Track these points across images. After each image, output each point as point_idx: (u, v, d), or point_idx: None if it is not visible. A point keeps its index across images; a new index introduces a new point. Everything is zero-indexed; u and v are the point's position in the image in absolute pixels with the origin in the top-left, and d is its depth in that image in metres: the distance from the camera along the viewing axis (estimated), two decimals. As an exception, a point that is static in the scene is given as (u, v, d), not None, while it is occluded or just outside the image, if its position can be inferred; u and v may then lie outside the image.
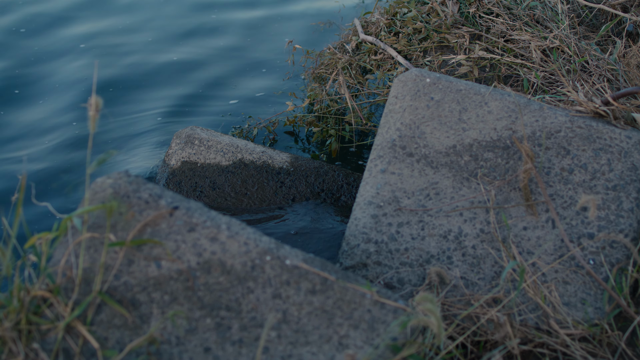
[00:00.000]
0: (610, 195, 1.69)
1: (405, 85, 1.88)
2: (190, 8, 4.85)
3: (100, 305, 1.33)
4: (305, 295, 1.35)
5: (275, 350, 1.32)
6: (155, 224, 1.38)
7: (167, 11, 4.80)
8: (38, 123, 3.39)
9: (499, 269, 1.65)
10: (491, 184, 1.73)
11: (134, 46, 4.24)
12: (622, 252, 1.64)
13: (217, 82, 3.87)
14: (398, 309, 1.36)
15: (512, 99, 1.81)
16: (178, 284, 1.35)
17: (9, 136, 3.27)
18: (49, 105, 3.55)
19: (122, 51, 4.17)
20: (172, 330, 1.32)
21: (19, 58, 4.04)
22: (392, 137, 1.82)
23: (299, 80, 3.80)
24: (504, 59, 2.49)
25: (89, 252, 1.36)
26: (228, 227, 1.39)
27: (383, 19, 2.98)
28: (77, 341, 1.30)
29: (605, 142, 1.73)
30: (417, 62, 2.71)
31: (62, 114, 3.47)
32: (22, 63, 3.98)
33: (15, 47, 4.17)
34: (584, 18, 2.86)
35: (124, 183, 1.41)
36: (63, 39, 4.32)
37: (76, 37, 4.34)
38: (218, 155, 2.48)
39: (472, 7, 2.74)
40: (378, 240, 1.71)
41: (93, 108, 1.22)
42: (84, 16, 4.65)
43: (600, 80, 2.31)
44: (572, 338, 1.54)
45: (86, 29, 4.44)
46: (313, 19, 4.57)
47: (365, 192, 1.78)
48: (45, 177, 2.93)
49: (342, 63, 2.91)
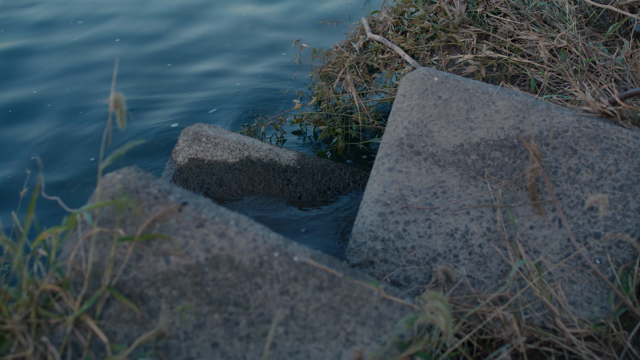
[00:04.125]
0: (617, 195, 1.69)
1: (413, 83, 1.89)
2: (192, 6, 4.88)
3: (109, 299, 1.34)
4: (313, 292, 1.36)
5: (282, 346, 1.33)
6: (164, 219, 1.39)
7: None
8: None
9: (505, 268, 1.66)
10: (498, 183, 1.74)
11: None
12: (629, 251, 1.64)
13: (221, 78, 3.88)
14: (405, 306, 1.36)
15: (519, 99, 1.81)
16: (186, 279, 1.35)
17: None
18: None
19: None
20: (180, 325, 1.33)
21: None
22: (400, 135, 1.83)
23: (307, 78, 3.81)
24: (511, 59, 2.49)
25: (98, 247, 1.37)
26: (236, 223, 1.40)
27: (390, 18, 2.98)
28: (85, 335, 1.31)
29: (613, 142, 1.73)
30: (424, 61, 2.71)
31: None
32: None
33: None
34: (591, 18, 2.85)
35: (134, 178, 1.42)
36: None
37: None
38: (225, 153, 2.48)
39: (479, 6, 2.74)
40: (385, 238, 1.72)
41: (112, 104, 1.23)
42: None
43: (607, 81, 2.31)
44: (578, 337, 1.54)
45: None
46: (320, 17, 4.58)
47: (373, 190, 1.79)
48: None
49: (349, 62, 2.91)
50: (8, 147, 3.16)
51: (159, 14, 4.78)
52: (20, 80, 3.82)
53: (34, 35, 4.38)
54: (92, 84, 3.77)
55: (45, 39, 4.33)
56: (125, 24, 4.58)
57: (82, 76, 3.87)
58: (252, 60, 4.13)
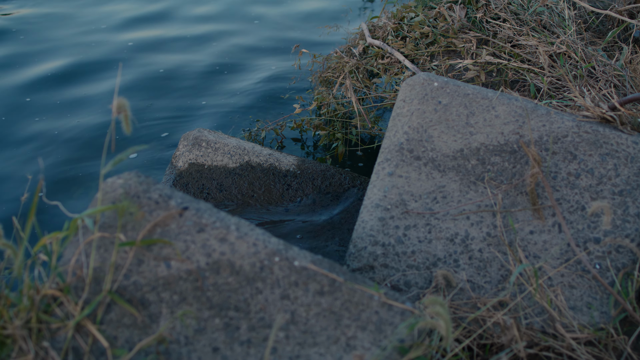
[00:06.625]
0: (616, 200, 1.69)
1: (413, 89, 1.89)
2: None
3: (110, 304, 1.34)
4: (314, 297, 1.36)
5: (283, 350, 1.33)
6: (165, 224, 1.39)
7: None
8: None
9: (505, 273, 1.66)
10: (498, 187, 1.74)
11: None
12: (628, 256, 1.64)
13: (222, 83, 3.89)
14: (405, 311, 1.36)
15: (519, 104, 1.82)
16: (187, 284, 1.36)
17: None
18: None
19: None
20: (181, 330, 1.33)
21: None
22: (400, 140, 1.83)
23: (307, 83, 3.81)
24: (511, 64, 2.50)
25: (99, 252, 1.37)
26: (237, 228, 1.40)
27: (390, 23, 2.99)
28: (86, 340, 1.31)
29: (612, 147, 1.74)
30: (424, 67, 2.72)
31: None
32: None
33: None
34: (590, 24, 2.86)
35: (135, 183, 1.42)
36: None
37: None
38: (225, 158, 2.49)
39: (479, 12, 2.75)
40: (385, 243, 1.72)
41: (115, 109, 1.23)
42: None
43: (606, 86, 2.32)
44: (578, 342, 1.54)
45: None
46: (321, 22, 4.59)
47: (373, 195, 1.79)
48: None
49: (349, 67, 2.92)
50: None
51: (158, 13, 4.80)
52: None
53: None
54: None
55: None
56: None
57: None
58: (252, 64, 4.14)
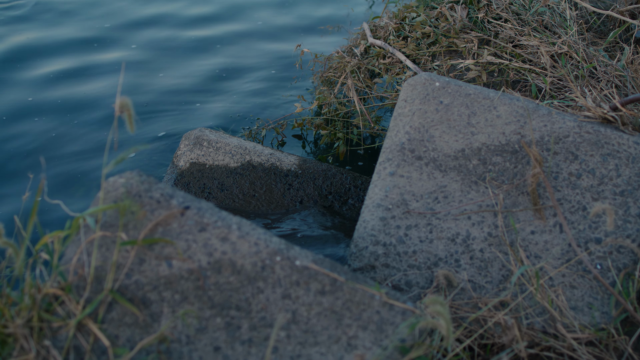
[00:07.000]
0: (617, 200, 1.69)
1: (414, 88, 1.89)
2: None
3: (112, 303, 1.34)
4: (315, 296, 1.36)
5: (284, 350, 1.33)
6: (167, 223, 1.39)
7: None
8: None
9: (506, 273, 1.66)
10: (499, 188, 1.74)
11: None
12: (629, 257, 1.64)
13: (224, 82, 3.89)
14: (406, 310, 1.36)
15: (520, 104, 1.82)
16: (189, 283, 1.36)
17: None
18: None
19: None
20: (183, 329, 1.34)
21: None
22: (401, 140, 1.83)
23: (308, 83, 3.82)
24: (512, 64, 2.50)
25: (101, 251, 1.37)
26: (239, 227, 1.41)
27: (392, 23, 2.99)
28: (88, 339, 1.31)
29: (613, 148, 1.74)
30: (425, 67, 2.72)
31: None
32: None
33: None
34: (592, 24, 2.86)
35: (136, 182, 1.43)
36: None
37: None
38: (226, 157, 2.49)
39: (480, 12, 2.75)
40: (386, 243, 1.72)
41: (118, 109, 1.23)
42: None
43: (608, 86, 2.32)
44: (579, 342, 1.54)
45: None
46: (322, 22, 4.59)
47: (374, 195, 1.79)
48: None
49: (350, 67, 2.92)
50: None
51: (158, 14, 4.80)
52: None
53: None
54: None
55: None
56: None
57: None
58: (252, 64, 4.14)
